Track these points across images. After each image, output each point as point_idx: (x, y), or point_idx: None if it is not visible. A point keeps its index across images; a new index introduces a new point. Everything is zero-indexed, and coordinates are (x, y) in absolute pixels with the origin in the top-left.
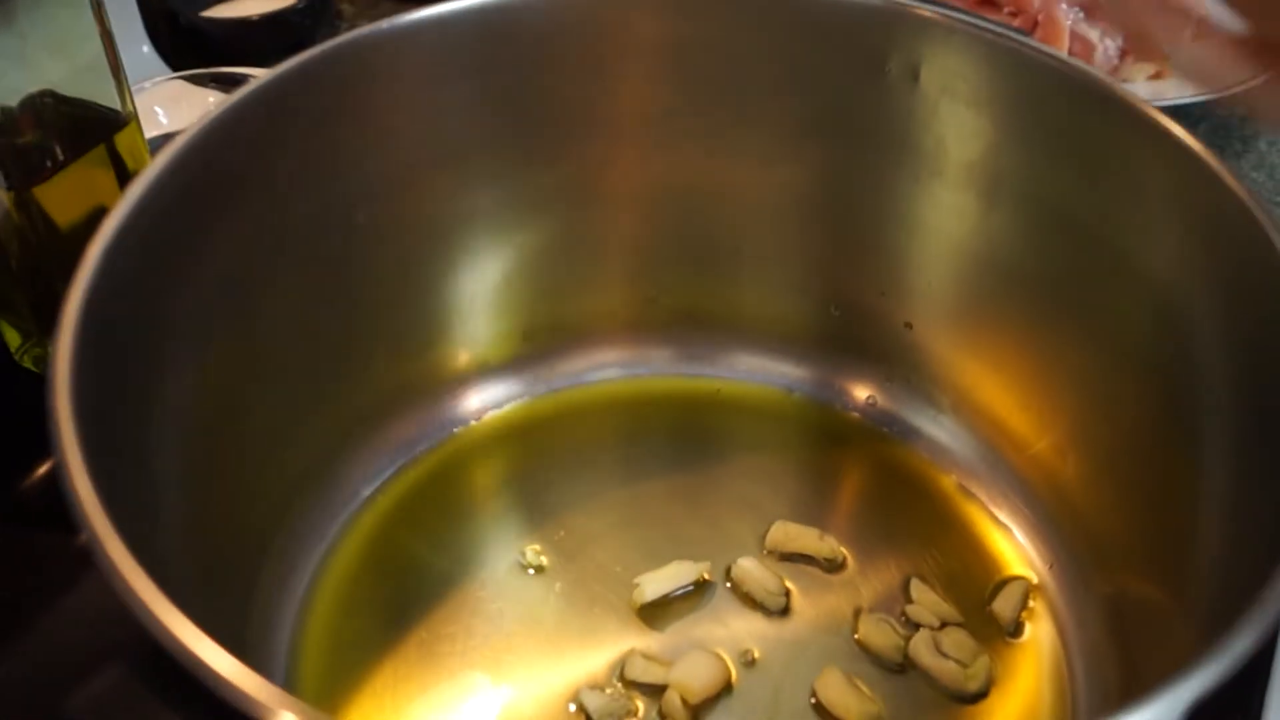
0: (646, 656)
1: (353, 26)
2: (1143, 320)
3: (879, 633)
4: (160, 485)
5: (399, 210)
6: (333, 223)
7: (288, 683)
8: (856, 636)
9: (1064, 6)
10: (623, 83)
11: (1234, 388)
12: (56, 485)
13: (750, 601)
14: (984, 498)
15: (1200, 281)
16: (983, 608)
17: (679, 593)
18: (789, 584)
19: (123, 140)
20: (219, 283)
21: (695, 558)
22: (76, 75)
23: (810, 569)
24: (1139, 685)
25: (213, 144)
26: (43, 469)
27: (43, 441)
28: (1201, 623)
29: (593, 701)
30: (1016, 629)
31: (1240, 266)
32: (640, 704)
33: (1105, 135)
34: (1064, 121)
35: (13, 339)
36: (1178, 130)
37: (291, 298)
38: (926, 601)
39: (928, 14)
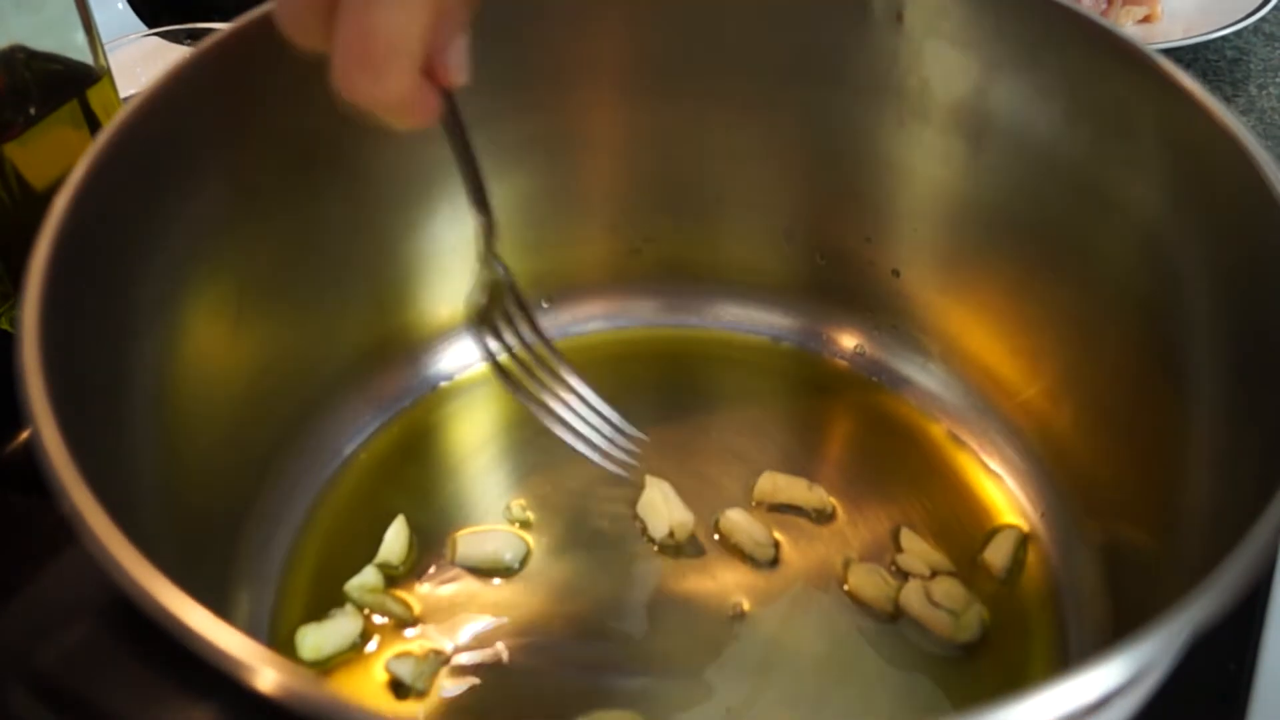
0: None
1: None
2: (1132, 262)
3: (870, 583)
4: (137, 445)
5: (374, 161)
6: (306, 175)
7: (271, 643)
8: (847, 587)
9: None
10: (602, 28)
11: (1222, 329)
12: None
13: (739, 553)
14: (974, 446)
15: (1189, 221)
16: (974, 556)
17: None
18: (778, 535)
19: (96, 95)
20: (190, 237)
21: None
22: (46, 29)
23: (799, 520)
24: (1131, 631)
25: (179, 96)
26: (25, 435)
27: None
28: (1192, 567)
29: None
30: (1008, 577)
31: (1232, 204)
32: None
33: (1093, 73)
34: (1051, 60)
35: None
36: (1169, 66)
37: (266, 251)
38: (917, 551)
39: None
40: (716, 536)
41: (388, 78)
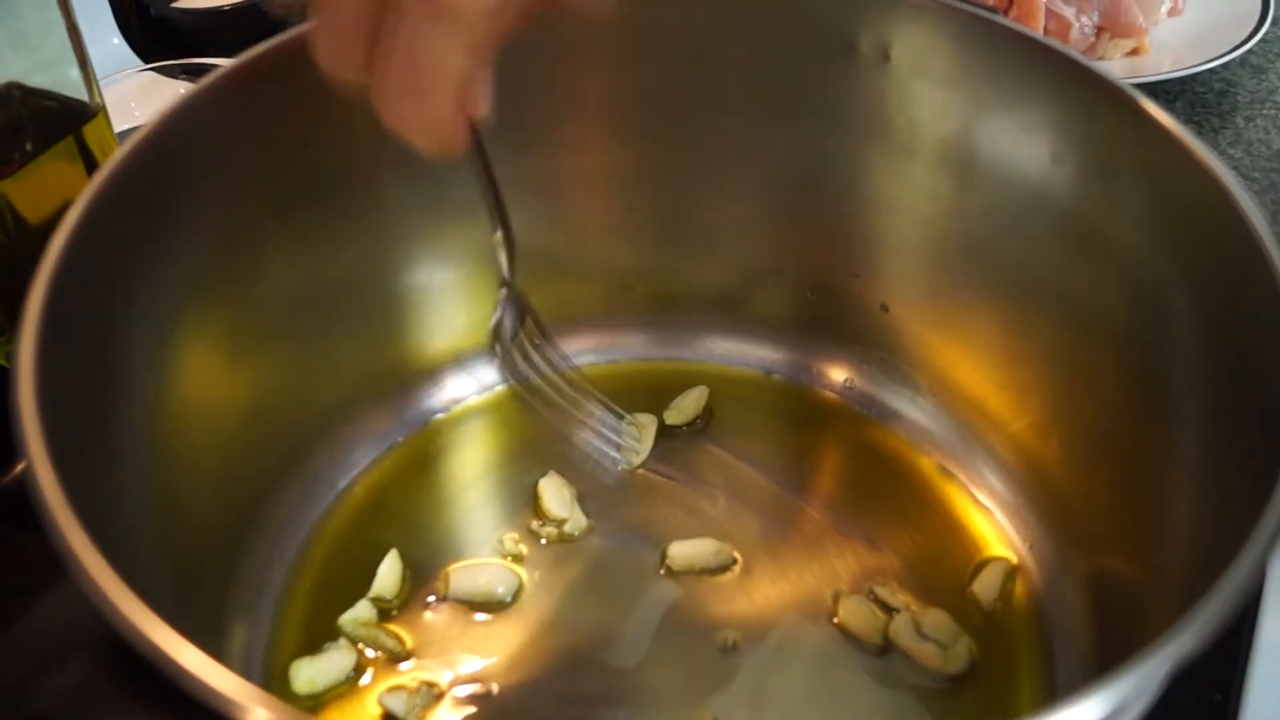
0: None
1: None
2: (1117, 297)
3: (859, 616)
4: (130, 481)
5: (367, 199)
6: (300, 212)
7: (265, 677)
8: (836, 620)
9: None
10: (592, 68)
11: (1207, 364)
12: None
13: (708, 571)
14: (963, 478)
15: (1174, 257)
16: (963, 589)
17: None
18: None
19: (91, 132)
20: (185, 274)
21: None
22: (42, 67)
23: (788, 551)
24: (1118, 664)
25: (178, 133)
26: (21, 466)
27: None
28: (1177, 598)
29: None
30: (996, 609)
31: (1213, 241)
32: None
33: (1077, 112)
34: (1035, 99)
35: None
36: (1150, 106)
37: (261, 289)
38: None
39: None
40: (662, 571)
41: (431, 105)
